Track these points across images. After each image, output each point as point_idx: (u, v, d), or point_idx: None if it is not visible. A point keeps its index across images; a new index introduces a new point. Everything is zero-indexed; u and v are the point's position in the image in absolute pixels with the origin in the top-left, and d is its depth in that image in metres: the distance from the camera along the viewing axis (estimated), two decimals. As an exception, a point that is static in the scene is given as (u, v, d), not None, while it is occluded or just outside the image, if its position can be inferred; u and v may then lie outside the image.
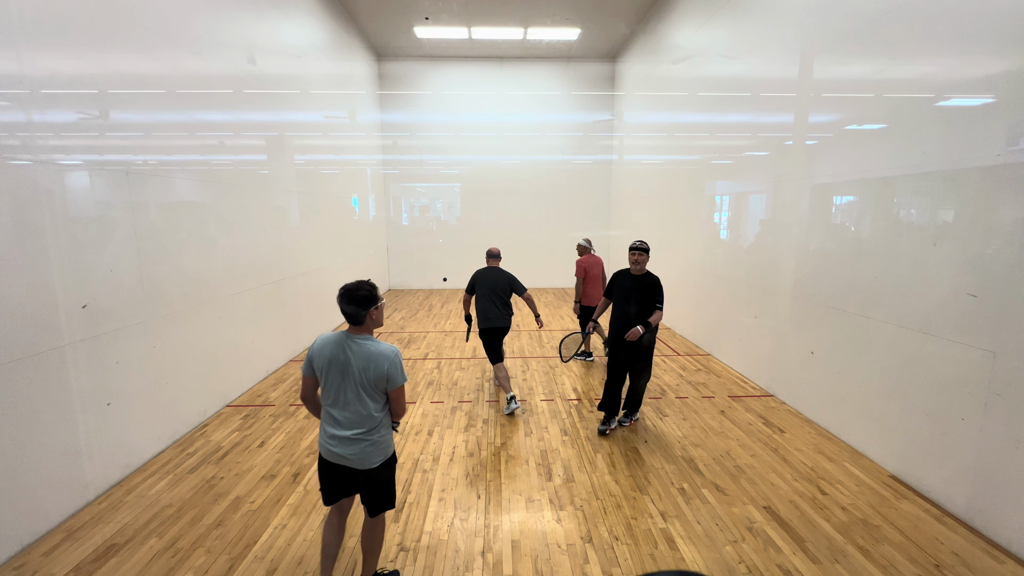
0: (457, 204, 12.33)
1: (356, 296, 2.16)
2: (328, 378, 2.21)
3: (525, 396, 5.14)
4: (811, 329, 4.53)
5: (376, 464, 2.28)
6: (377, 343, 2.23)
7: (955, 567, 2.65)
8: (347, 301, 2.17)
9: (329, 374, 2.20)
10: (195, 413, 4.40)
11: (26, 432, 2.82)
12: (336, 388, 2.21)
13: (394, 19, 9.40)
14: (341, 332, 2.24)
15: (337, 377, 2.19)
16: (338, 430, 2.23)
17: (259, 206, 5.65)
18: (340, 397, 2.21)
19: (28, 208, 2.87)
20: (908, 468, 3.46)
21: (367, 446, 2.24)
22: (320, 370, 2.22)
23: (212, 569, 2.66)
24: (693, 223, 7.37)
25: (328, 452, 2.27)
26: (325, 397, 2.26)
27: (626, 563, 2.70)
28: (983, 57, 2.96)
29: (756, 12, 5.50)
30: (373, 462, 2.27)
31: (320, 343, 2.23)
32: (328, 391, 2.23)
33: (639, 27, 9.68)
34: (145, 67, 3.87)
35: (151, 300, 3.85)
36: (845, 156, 4.11)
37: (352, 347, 2.19)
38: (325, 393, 2.25)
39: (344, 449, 2.22)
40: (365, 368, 2.17)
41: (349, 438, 2.22)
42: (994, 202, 2.87)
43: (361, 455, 2.24)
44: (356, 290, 2.18)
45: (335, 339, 2.22)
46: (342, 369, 2.18)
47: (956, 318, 3.09)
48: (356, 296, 2.16)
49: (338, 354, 2.19)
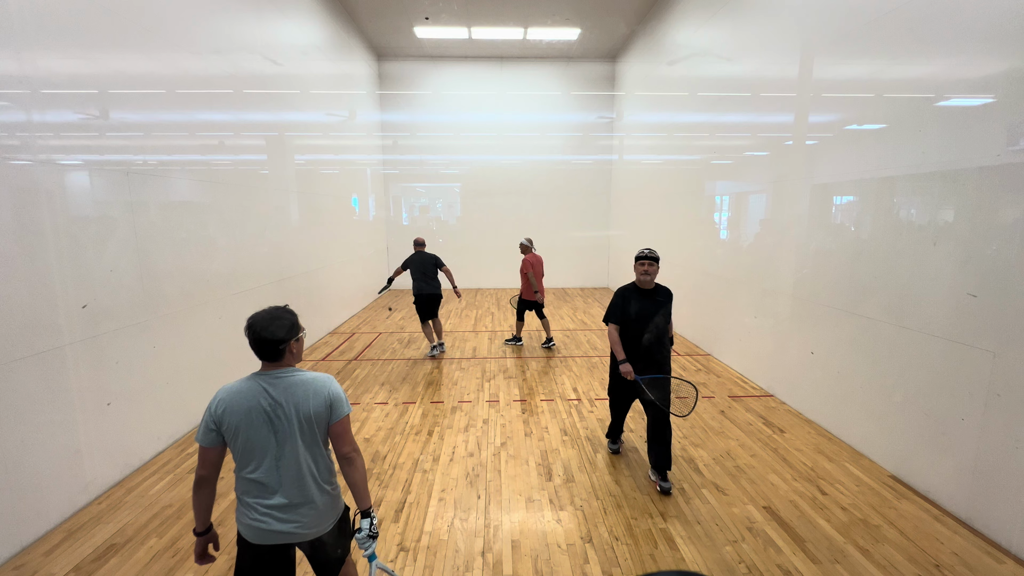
0: (457, 204, 12.34)
1: (276, 325, 1.75)
2: (248, 438, 1.72)
3: (525, 396, 5.14)
4: (811, 329, 4.53)
5: (330, 526, 1.86)
6: (304, 372, 1.82)
7: (955, 567, 2.65)
8: (263, 331, 1.73)
9: (249, 433, 1.72)
10: (195, 413, 4.40)
11: (26, 432, 2.82)
12: (263, 446, 1.73)
13: (394, 19, 9.41)
14: (248, 378, 1.77)
15: (262, 431, 1.72)
16: (277, 498, 1.75)
17: (259, 206, 5.64)
18: (269, 456, 1.74)
19: (28, 208, 2.87)
20: (908, 468, 3.46)
21: (322, 501, 1.81)
22: (232, 431, 1.71)
23: (212, 569, 2.66)
24: (693, 223, 7.37)
25: (262, 533, 1.75)
26: (245, 463, 1.75)
27: (626, 563, 2.70)
28: (983, 57, 2.96)
29: (756, 12, 5.50)
30: (326, 525, 1.85)
31: (225, 397, 1.73)
32: (249, 454, 1.74)
33: (639, 27, 9.68)
34: (145, 67, 3.87)
35: (151, 300, 3.85)
36: (845, 156, 4.11)
37: (274, 387, 1.74)
38: (243, 458, 1.75)
39: (290, 519, 1.76)
40: (302, 402, 1.75)
41: (294, 504, 1.76)
42: (994, 202, 2.87)
43: (313, 520, 1.80)
44: (276, 318, 1.76)
45: (245, 389, 1.74)
46: (268, 419, 1.72)
47: (956, 318, 3.09)
48: (276, 325, 1.75)
49: (256, 403, 1.72)
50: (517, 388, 5.37)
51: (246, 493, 1.78)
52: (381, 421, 4.52)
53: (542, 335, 7.62)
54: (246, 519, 1.77)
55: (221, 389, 1.77)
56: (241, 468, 1.77)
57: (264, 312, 1.79)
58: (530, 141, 11.98)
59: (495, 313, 9.39)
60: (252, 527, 1.76)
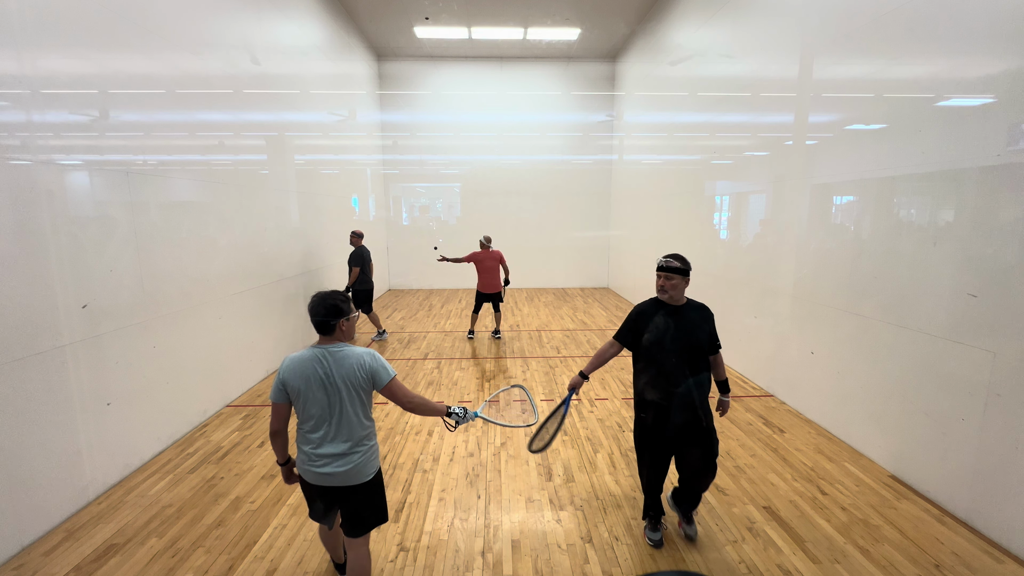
0: (457, 204, 12.33)
1: (327, 305, 2.10)
2: (308, 399, 2.09)
3: (525, 396, 5.14)
4: (811, 329, 4.53)
5: (370, 476, 2.21)
6: (353, 348, 2.16)
7: (955, 567, 2.65)
8: (311, 311, 2.11)
9: (309, 394, 2.09)
10: (195, 413, 4.40)
11: (26, 432, 2.82)
12: (320, 406, 2.10)
13: (394, 19, 9.41)
14: (311, 348, 2.14)
15: (319, 394, 2.09)
16: (327, 448, 2.12)
17: (259, 206, 5.65)
18: (325, 415, 2.11)
19: (28, 208, 2.86)
20: (908, 468, 3.46)
21: (360, 458, 2.16)
22: (296, 392, 2.10)
23: (212, 569, 2.66)
24: (693, 223, 7.37)
25: (315, 476, 2.15)
26: (305, 421, 2.14)
27: (626, 563, 2.70)
28: (983, 57, 2.96)
29: (756, 12, 5.50)
30: (367, 474, 2.19)
31: (289, 364, 2.10)
32: (309, 413, 2.12)
33: (639, 27, 9.68)
34: (145, 67, 3.87)
35: (151, 300, 3.85)
36: (845, 156, 4.11)
37: (328, 358, 2.10)
38: (305, 416, 2.13)
39: (337, 467, 2.12)
40: (349, 374, 2.10)
41: (342, 454, 2.13)
42: (994, 202, 2.87)
43: (356, 469, 2.15)
44: (327, 298, 2.12)
45: (307, 356, 2.11)
46: (323, 384, 2.09)
47: (956, 318, 3.09)
48: (327, 305, 2.10)
49: (315, 371, 2.08)
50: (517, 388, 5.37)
51: (304, 444, 2.17)
52: (381, 421, 4.52)
53: (543, 335, 7.63)
54: (304, 465, 2.18)
55: (287, 357, 2.14)
56: (302, 424, 2.17)
57: (316, 295, 2.15)
58: (530, 141, 11.98)
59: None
60: (308, 471, 2.17)
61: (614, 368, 6.00)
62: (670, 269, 2.61)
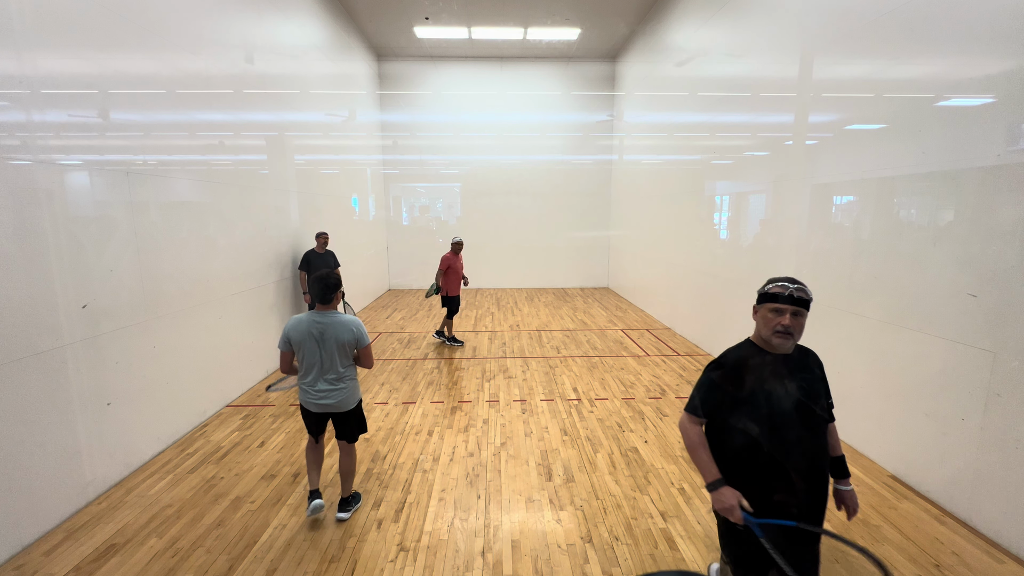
0: (457, 204, 12.33)
1: (329, 282, 2.87)
2: (305, 348, 2.85)
3: (525, 396, 5.14)
4: (811, 329, 4.50)
5: (353, 405, 3.03)
6: (342, 315, 2.90)
7: (955, 567, 2.65)
8: (323, 282, 2.86)
9: (305, 345, 2.84)
10: (195, 413, 4.40)
11: (26, 432, 2.82)
12: (313, 355, 2.86)
13: (394, 19, 9.41)
14: (309, 313, 2.88)
15: (313, 346, 2.85)
16: (320, 385, 2.90)
17: (259, 206, 5.64)
18: (317, 362, 2.87)
19: (28, 208, 2.87)
20: (908, 468, 3.46)
21: (345, 391, 2.95)
22: (297, 343, 2.86)
23: (212, 569, 2.66)
24: (693, 223, 7.36)
25: (314, 405, 2.93)
26: (303, 367, 2.90)
27: (626, 563, 2.70)
28: (983, 57, 2.96)
29: (756, 12, 5.50)
30: (351, 404, 3.01)
31: (293, 324, 2.86)
32: (306, 360, 2.88)
33: (639, 27, 9.68)
34: (145, 67, 3.87)
35: (151, 300, 3.85)
36: (845, 156, 4.11)
37: (324, 321, 2.86)
38: (303, 364, 2.89)
39: (329, 398, 2.92)
40: (339, 334, 2.85)
41: (332, 389, 2.92)
42: (994, 202, 2.87)
43: (343, 399, 2.95)
44: (328, 276, 2.87)
45: (306, 319, 2.86)
46: (318, 339, 2.84)
47: (956, 318, 3.09)
48: (329, 282, 2.87)
49: (311, 329, 2.83)
50: (517, 388, 5.37)
51: (304, 384, 2.94)
52: (381, 421, 4.52)
53: (542, 335, 7.63)
54: (305, 398, 2.95)
55: (291, 319, 2.90)
56: (301, 369, 2.93)
57: (319, 273, 2.87)
58: (530, 141, 11.98)
59: (495, 313, 9.40)
60: (309, 402, 2.95)
61: (614, 368, 6.00)
62: (798, 301, 1.77)
